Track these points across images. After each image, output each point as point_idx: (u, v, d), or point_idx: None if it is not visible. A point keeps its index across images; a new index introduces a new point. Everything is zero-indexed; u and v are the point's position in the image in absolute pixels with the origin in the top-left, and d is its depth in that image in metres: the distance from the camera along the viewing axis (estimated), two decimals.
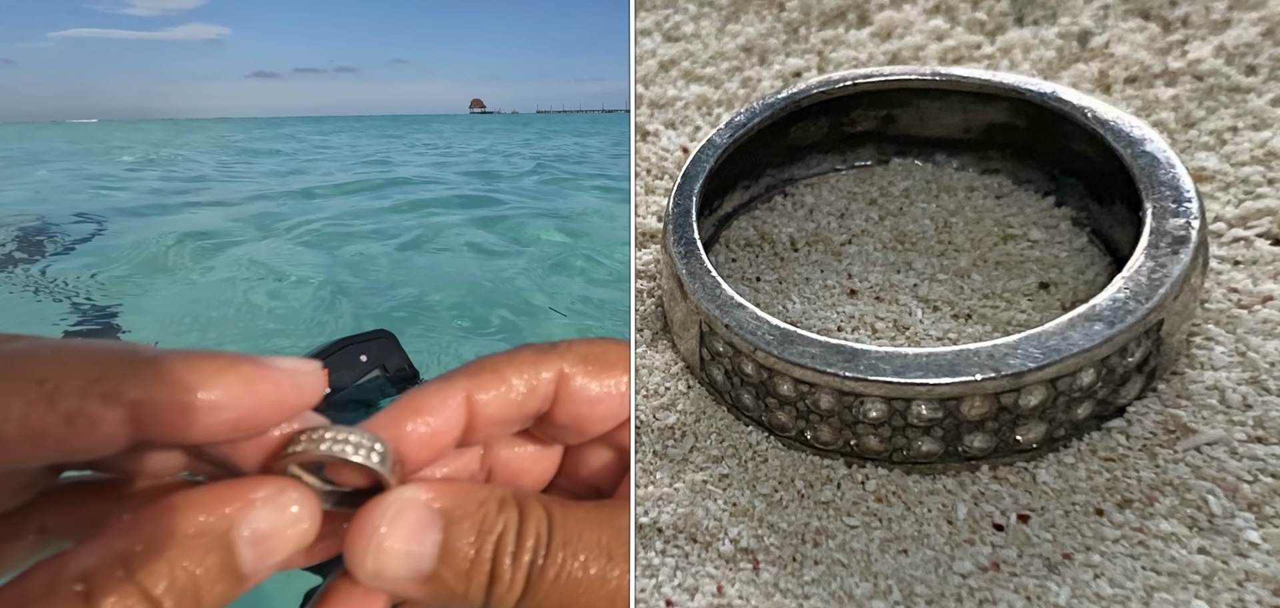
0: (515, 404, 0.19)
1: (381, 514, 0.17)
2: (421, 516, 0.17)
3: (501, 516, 0.18)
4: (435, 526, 0.17)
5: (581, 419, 0.20)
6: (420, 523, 0.17)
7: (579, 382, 0.20)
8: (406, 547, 0.17)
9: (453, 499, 0.18)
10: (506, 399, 0.19)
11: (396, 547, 0.17)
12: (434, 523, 0.17)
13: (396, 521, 0.17)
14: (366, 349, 0.79)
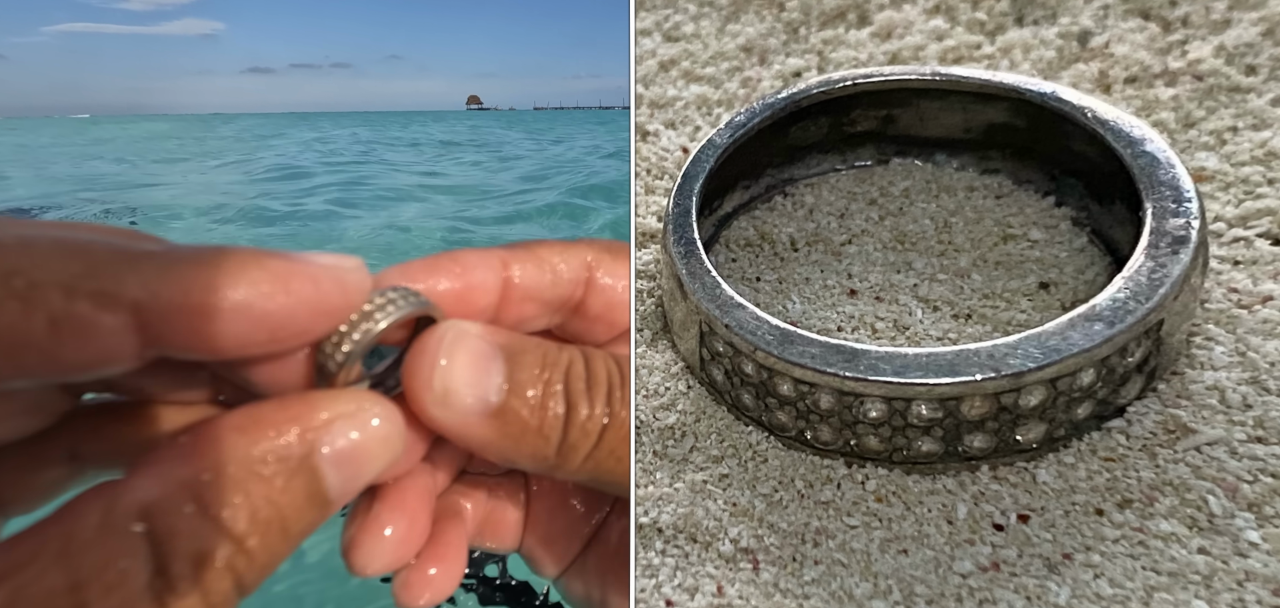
0: (549, 285, 0.18)
1: (438, 343, 0.16)
2: (480, 345, 0.16)
3: (565, 353, 0.16)
4: (497, 356, 0.16)
5: (612, 307, 0.19)
6: (481, 350, 0.16)
7: (605, 271, 0.19)
8: (473, 369, 0.16)
9: (506, 337, 0.17)
10: (541, 278, 0.18)
11: (463, 366, 0.16)
12: (495, 354, 0.16)
13: (455, 347, 0.16)
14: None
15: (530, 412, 0.16)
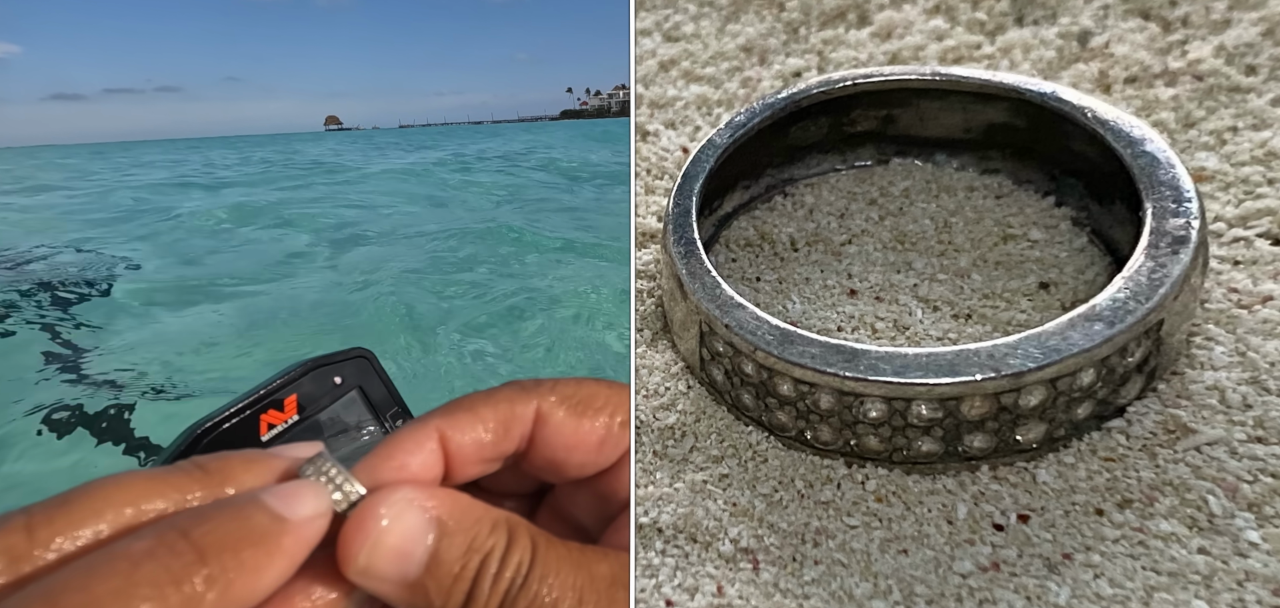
0: (490, 445, 0.19)
1: (385, 506, 0.17)
2: (419, 519, 0.17)
3: (492, 537, 0.18)
4: (430, 531, 0.17)
5: (557, 462, 0.20)
6: (418, 526, 0.17)
7: (558, 421, 0.20)
8: (402, 545, 0.17)
9: (449, 509, 0.18)
10: (480, 439, 0.19)
11: (393, 543, 0.17)
12: (429, 529, 0.17)
13: (399, 517, 0.17)
14: (341, 370, 0.77)
15: (438, 590, 0.17)
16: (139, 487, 0.17)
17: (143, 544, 0.15)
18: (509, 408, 0.20)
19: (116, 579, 0.14)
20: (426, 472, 0.19)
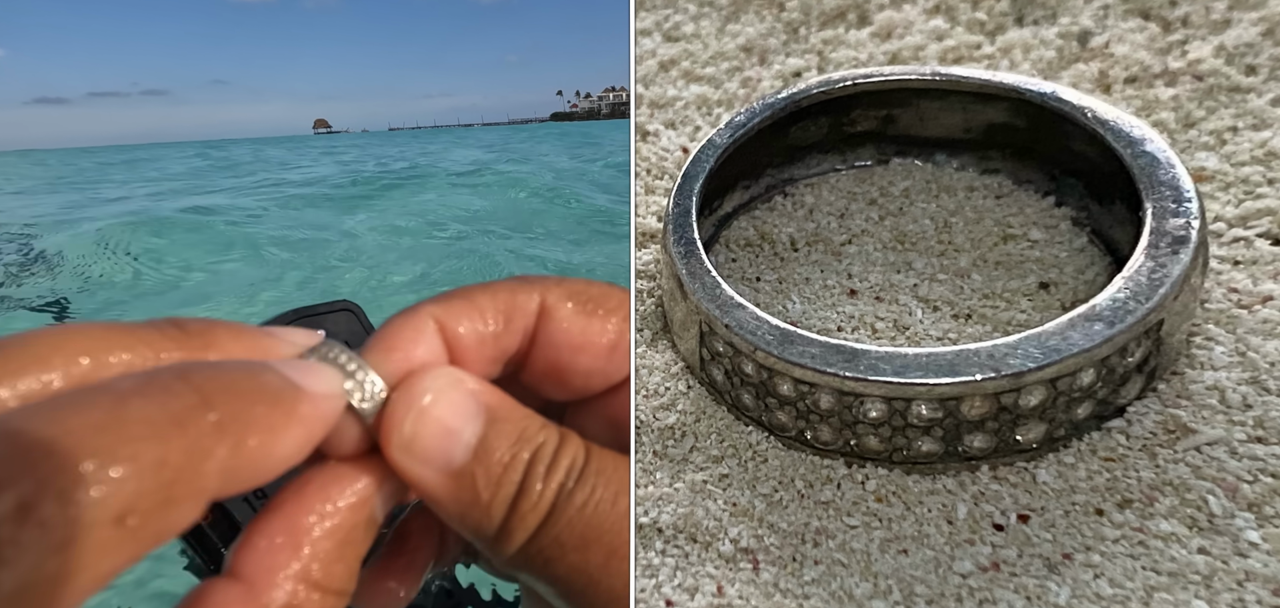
0: (492, 339, 0.17)
1: (429, 382, 0.16)
2: (468, 400, 0.16)
3: (543, 432, 0.16)
4: (479, 416, 0.16)
5: (563, 368, 0.18)
6: (466, 406, 0.16)
7: (565, 316, 0.17)
8: (450, 421, 0.15)
9: (496, 398, 0.16)
10: (481, 332, 0.17)
11: (440, 416, 0.15)
12: (478, 414, 0.16)
13: (444, 394, 0.16)
14: (325, 323, 0.74)
15: (486, 481, 0.15)
16: (97, 335, 0.13)
17: (129, 382, 0.12)
18: (510, 298, 0.17)
19: (97, 414, 0.11)
20: (431, 364, 0.17)
